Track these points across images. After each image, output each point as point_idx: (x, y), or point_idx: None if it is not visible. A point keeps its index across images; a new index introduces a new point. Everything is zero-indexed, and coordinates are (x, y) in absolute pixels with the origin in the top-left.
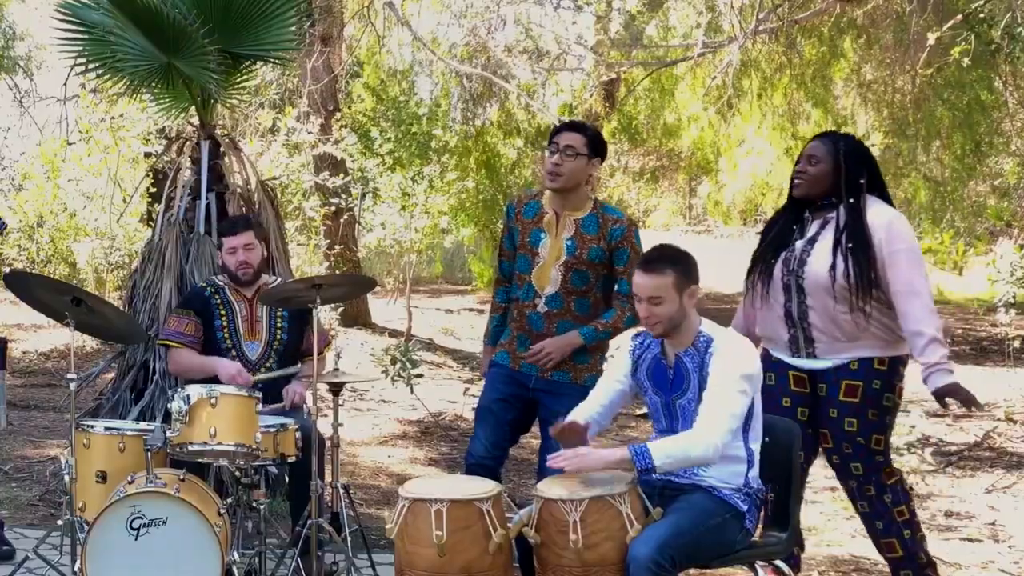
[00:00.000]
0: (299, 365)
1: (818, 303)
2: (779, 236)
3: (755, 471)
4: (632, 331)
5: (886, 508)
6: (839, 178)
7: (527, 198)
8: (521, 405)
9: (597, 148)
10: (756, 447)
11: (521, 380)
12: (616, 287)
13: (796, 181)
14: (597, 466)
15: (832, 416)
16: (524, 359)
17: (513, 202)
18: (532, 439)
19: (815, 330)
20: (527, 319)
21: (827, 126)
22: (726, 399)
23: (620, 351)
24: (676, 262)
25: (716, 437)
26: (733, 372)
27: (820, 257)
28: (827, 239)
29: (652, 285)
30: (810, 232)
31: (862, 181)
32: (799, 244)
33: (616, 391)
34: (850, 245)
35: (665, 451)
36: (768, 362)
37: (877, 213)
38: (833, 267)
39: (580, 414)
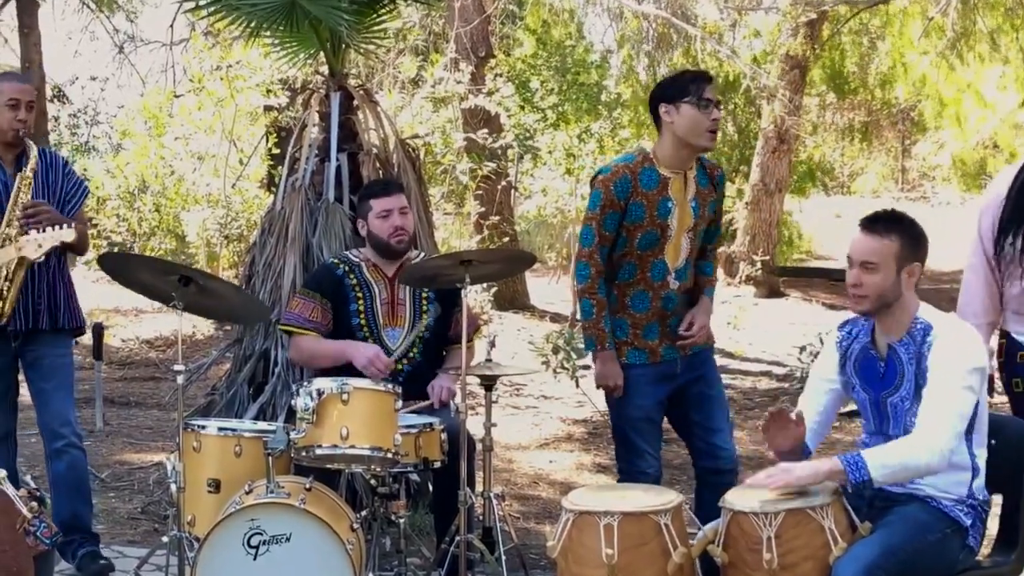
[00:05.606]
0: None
1: None
2: None
3: (980, 481)
4: (839, 319)
5: None
6: None
7: (634, 167)
8: (667, 403)
9: None
10: (980, 454)
11: (667, 373)
12: (707, 236)
13: None
14: (805, 481)
15: None
16: (679, 345)
17: (623, 175)
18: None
19: None
20: (661, 301)
21: None
22: (951, 397)
23: (825, 345)
24: (907, 230)
25: (942, 441)
26: (959, 366)
27: None
28: None
29: (871, 248)
30: None
31: None
32: None
33: (828, 393)
34: None
35: (882, 460)
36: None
37: None
38: None
39: None
